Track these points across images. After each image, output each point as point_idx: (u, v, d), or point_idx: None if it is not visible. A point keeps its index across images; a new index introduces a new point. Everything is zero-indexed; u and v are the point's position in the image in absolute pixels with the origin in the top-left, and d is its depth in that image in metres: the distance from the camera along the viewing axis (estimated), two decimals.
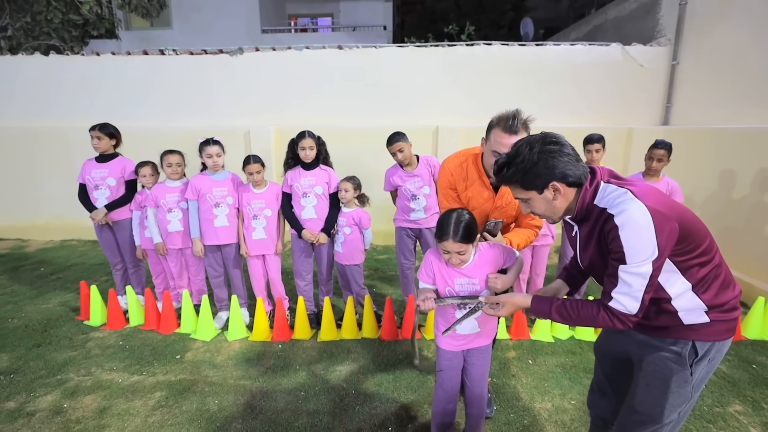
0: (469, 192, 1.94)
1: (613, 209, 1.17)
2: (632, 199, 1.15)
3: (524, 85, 5.32)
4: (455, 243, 1.54)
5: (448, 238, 1.54)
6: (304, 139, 2.89)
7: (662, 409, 1.29)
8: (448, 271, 1.67)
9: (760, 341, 2.95)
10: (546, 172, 1.23)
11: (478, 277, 1.66)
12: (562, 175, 1.23)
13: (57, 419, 2.19)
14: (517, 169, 1.25)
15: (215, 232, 3.04)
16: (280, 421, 2.18)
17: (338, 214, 3.03)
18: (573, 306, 1.30)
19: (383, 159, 3.41)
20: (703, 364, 1.26)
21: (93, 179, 3.19)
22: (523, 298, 1.46)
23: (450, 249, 1.56)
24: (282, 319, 3.01)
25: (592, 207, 1.25)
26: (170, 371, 2.64)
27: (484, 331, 1.75)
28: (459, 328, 1.69)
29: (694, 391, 1.28)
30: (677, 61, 5.13)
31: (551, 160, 1.22)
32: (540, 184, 1.25)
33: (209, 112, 5.55)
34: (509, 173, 1.28)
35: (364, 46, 5.41)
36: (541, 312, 1.39)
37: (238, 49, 5.44)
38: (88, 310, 3.27)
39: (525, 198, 1.31)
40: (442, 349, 1.79)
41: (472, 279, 1.66)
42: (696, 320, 1.25)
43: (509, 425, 2.16)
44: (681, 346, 1.26)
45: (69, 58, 5.60)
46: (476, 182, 1.91)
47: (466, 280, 1.66)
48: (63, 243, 5.54)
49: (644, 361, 1.32)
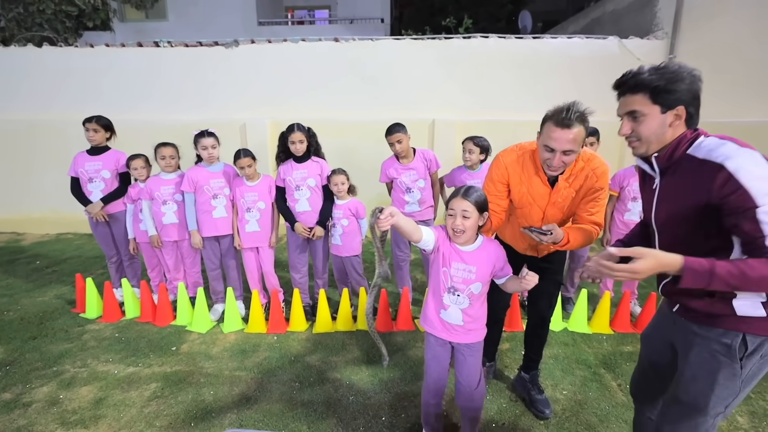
0: (524, 187, 1.87)
1: (718, 159, 1.10)
2: (738, 147, 1.11)
3: (521, 78, 5.31)
4: (464, 200, 1.57)
5: (457, 196, 1.59)
6: (293, 133, 2.89)
7: (707, 401, 1.24)
8: (450, 252, 1.67)
9: None
10: (684, 94, 1.18)
11: (476, 265, 1.65)
12: (693, 105, 1.20)
13: (53, 410, 2.21)
14: (661, 75, 1.18)
15: (214, 223, 3.05)
16: (275, 412, 2.20)
17: (332, 205, 3.03)
18: (744, 265, 1.06)
19: (380, 152, 3.41)
20: (755, 358, 1.18)
21: (86, 172, 3.18)
22: (671, 256, 1.13)
23: (456, 207, 1.59)
24: (277, 312, 3.03)
25: (685, 156, 1.20)
26: (166, 363, 2.66)
27: (472, 327, 1.72)
28: (444, 314, 1.71)
29: (744, 385, 1.21)
30: (674, 54, 5.12)
31: (695, 85, 1.19)
32: (670, 102, 1.19)
33: (204, 104, 5.52)
34: (648, 77, 1.19)
35: (361, 39, 5.38)
36: (699, 272, 1.09)
37: (234, 42, 5.39)
38: (84, 302, 3.28)
39: (641, 112, 1.22)
40: (428, 334, 1.80)
41: (470, 266, 1.65)
42: (751, 312, 1.15)
43: (501, 414, 2.19)
44: (731, 338, 1.18)
45: (62, 50, 5.55)
46: (533, 177, 1.84)
47: (463, 266, 1.65)
48: (59, 236, 5.53)
49: (692, 353, 1.26)
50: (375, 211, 1.44)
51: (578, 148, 1.67)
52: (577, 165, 1.80)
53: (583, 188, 1.83)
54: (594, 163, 1.81)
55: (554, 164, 1.68)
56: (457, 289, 1.67)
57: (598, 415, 2.18)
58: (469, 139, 3.06)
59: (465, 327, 1.71)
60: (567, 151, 1.63)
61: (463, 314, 1.70)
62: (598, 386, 2.41)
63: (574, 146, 1.63)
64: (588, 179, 1.80)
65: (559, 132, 1.60)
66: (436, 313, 1.75)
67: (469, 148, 3.03)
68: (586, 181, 1.80)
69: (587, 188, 1.82)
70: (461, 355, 1.77)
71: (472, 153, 3.03)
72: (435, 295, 1.74)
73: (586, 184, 1.81)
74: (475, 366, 1.77)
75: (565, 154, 1.65)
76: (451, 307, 1.70)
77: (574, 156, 1.69)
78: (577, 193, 1.84)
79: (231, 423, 2.11)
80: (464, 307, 1.69)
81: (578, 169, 1.80)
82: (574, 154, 1.67)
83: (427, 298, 1.81)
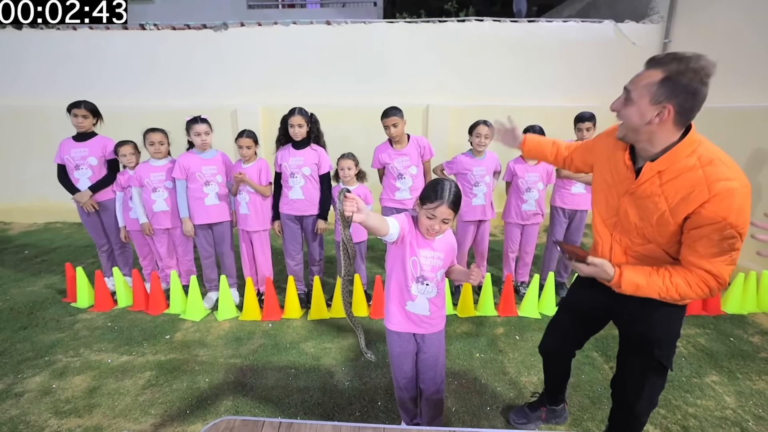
0: (607, 167, 1.43)
1: None
2: None
3: (516, 62, 5.25)
4: (448, 209, 1.50)
5: (443, 203, 1.49)
6: (293, 116, 2.84)
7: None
8: (418, 240, 1.60)
9: (738, 316, 3.05)
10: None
11: (443, 251, 1.62)
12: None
13: (46, 399, 2.19)
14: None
15: (206, 210, 3.00)
16: (271, 398, 2.21)
17: (331, 195, 2.99)
18: None
19: (374, 138, 3.37)
20: None
21: (73, 159, 3.09)
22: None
23: (440, 215, 1.50)
24: (272, 299, 3.02)
25: None
26: (160, 351, 2.64)
27: (436, 315, 1.69)
28: (410, 305, 1.64)
29: None
30: (669, 39, 5.09)
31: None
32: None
33: (194, 90, 5.39)
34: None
35: (353, 22, 5.26)
36: None
37: (223, 25, 5.24)
38: (75, 292, 3.24)
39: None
40: (392, 332, 1.71)
41: (437, 252, 1.61)
42: None
43: (495, 398, 2.22)
44: None
45: (44, 33, 5.34)
46: (620, 156, 1.38)
47: (431, 253, 1.61)
48: (47, 225, 5.43)
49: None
50: (342, 193, 1.32)
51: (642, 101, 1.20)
52: (681, 157, 1.21)
53: (681, 208, 1.21)
54: (716, 174, 1.15)
55: None
56: (426, 278, 1.61)
57: (591, 397, 2.22)
58: (483, 123, 2.99)
59: (431, 317, 1.68)
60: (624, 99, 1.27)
61: (430, 304, 1.66)
62: (591, 369, 2.45)
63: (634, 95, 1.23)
64: (694, 196, 1.17)
65: None
66: (401, 307, 1.67)
67: (485, 133, 2.97)
68: (689, 201, 1.18)
69: (690, 214, 1.20)
70: (426, 346, 1.73)
71: (487, 138, 2.97)
72: (400, 287, 1.65)
73: (688, 205, 1.19)
74: (440, 354, 1.75)
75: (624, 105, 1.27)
76: (418, 298, 1.64)
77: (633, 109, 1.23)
78: (672, 212, 1.23)
79: (227, 410, 2.12)
80: (432, 297, 1.65)
81: (682, 166, 1.21)
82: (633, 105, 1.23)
83: (389, 293, 1.69)
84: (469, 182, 3.08)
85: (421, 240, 1.60)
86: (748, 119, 3.75)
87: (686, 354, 2.59)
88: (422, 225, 1.57)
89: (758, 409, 2.11)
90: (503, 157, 3.20)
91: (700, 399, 2.19)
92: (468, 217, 3.14)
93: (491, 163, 3.11)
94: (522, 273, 3.45)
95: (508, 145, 1.88)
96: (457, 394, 2.24)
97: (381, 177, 3.25)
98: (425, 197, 1.53)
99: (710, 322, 2.95)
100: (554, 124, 3.61)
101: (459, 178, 3.12)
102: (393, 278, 1.66)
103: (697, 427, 2.00)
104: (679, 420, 2.05)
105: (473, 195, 3.09)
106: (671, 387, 2.28)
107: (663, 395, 2.21)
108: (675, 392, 2.24)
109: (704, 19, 4.62)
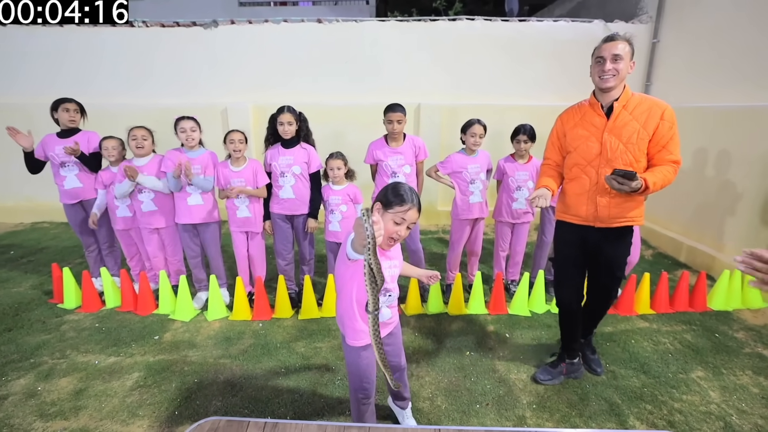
0: (579, 128, 2.03)
1: None
2: None
3: (507, 61, 5.27)
4: (416, 212, 1.45)
5: (413, 206, 1.43)
6: (282, 114, 2.82)
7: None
8: (382, 252, 1.51)
9: (723, 312, 3.10)
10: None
11: (396, 258, 1.59)
12: None
13: (31, 402, 2.16)
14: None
15: (189, 210, 2.97)
16: (261, 398, 2.20)
17: (320, 194, 2.98)
18: None
19: (366, 136, 3.36)
20: None
21: (57, 156, 3.04)
22: None
23: (410, 218, 1.43)
24: (262, 299, 3.00)
25: None
26: (148, 352, 2.62)
27: (395, 314, 1.69)
28: None
29: None
30: (658, 39, 5.15)
31: None
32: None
33: (183, 88, 5.33)
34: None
35: (344, 20, 5.24)
36: None
37: (213, 22, 5.20)
38: (62, 292, 3.19)
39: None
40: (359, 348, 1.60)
41: (394, 261, 1.57)
42: None
43: (485, 395, 2.23)
44: None
45: (30, 29, 5.24)
46: (588, 112, 2.02)
47: (389, 262, 1.54)
48: (34, 225, 5.35)
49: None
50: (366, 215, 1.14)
51: (627, 59, 1.86)
52: (634, 97, 1.94)
53: (650, 124, 1.88)
54: (657, 101, 1.92)
55: (606, 68, 1.87)
56: (389, 290, 1.59)
57: (579, 394, 2.24)
58: (477, 122, 3.01)
59: (393, 317, 1.67)
60: (615, 55, 1.85)
61: (391, 309, 1.64)
62: None
63: (622, 52, 1.85)
64: (652, 114, 1.88)
65: (608, 44, 1.88)
66: (365, 322, 1.55)
67: (480, 133, 2.99)
68: (651, 117, 1.88)
69: (656, 126, 1.88)
70: (390, 341, 1.72)
71: (482, 137, 3.00)
72: (362, 303, 1.52)
73: (652, 120, 1.88)
74: (401, 347, 1.80)
75: (615, 61, 1.86)
76: (383, 309, 1.60)
77: (623, 65, 1.86)
78: (644, 128, 1.89)
79: (216, 410, 2.10)
80: (391, 303, 1.63)
81: (637, 100, 1.92)
82: (622, 61, 1.86)
83: (351, 311, 1.55)
84: (465, 180, 3.08)
85: (380, 251, 1.47)
86: (729, 118, 3.81)
87: (673, 350, 2.63)
88: (385, 232, 1.43)
89: (741, 404, 2.15)
90: (494, 155, 3.21)
91: (685, 394, 2.23)
92: (465, 216, 3.14)
93: (484, 161, 3.12)
94: (512, 272, 3.47)
95: None
96: (447, 392, 2.25)
97: (373, 174, 3.24)
98: (392, 201, 1.42)
99: (696, 319, 3.00)
100: (545, 123, 3.61)
101: (454, 177, 3.13)
102: (353, 296, 1.51)
103: (683, 422, 2.03)
104: (665, 415, 2.08)
105: (470, 193, 3.08)
106: (658, 383, 2.31)
107: (650, 391, 2.25)
108: (661, 388, 2.27)
109: (692, 20, 4.68)
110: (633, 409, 2.12)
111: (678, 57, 4.88)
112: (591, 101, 2.03)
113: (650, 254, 4.36)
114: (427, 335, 2.81)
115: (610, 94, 1.94)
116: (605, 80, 1.89)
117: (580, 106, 2.08)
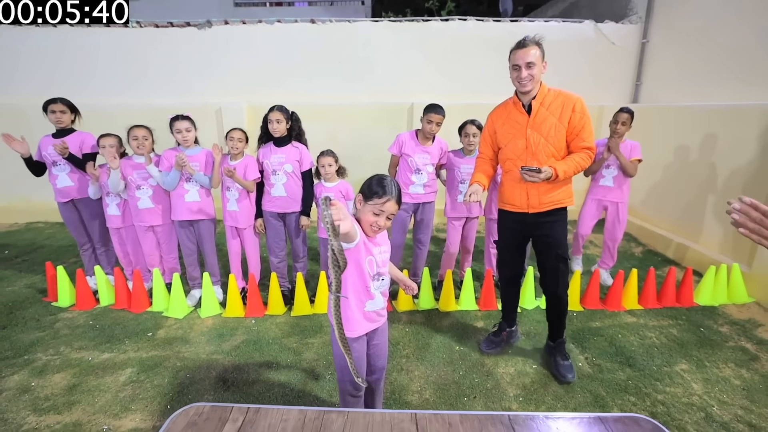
0: (506, 126, 2.22)
1: None
2: None
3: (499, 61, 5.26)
4: (395, 204, 1.50)
5: (391, 198, 1.48)
6: (272, 112, 2.86)
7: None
8: (367, 238, 1.54)
9: (709, 307, 3.15)
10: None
11: (385, 243, 1.62)
12: None
13: (24, 397, 2.18)
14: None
15: (186, 206, 3.00)
16: (252, 393, 2.23)
17: (312, 192, 3.02)
18: None
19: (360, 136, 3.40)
20: None
21: (50, 155, 3.06)
22: None
23: (388, 210, 1.48)
24: (255, 296, 3.04)
25: None
26: (142, 348, 2.65)
27: (385, 306, 1.70)
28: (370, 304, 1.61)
29: None
30: (647, 39, 5.22)
31: None
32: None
33: (178, 88, 5.36)
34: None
35: (338, 20, 5.28)
36: None
37: (207, 22, 5.23)
38: (56, 291, 3.21)
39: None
40: (350, 339, 1.61)
41: (383, 246, 1.60)
42: None
43: (473, 389, 2.27)
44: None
45: (24, 29, 5.26)
46: (512, 111, 2.21)
47: (379, 248, 1.58)
48: (28, 225, 5.36)
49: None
50: (326, 201, 1.23)
51: (539, 62, 2.04)
52: (550, 93, 2.13)
53: (564, 116, 2.08)
54: (569, 95, 2.12)
55: (522, 75, 2.03)
56: (381, 274, 1.60)
57: (564, 387, 2.28)
58: (471, 123, 3.04)
59: (384, 308, 1.69)
60: (528, 63, 2.01)
61: (383, 296, 1.65)
62: None
63: (533, 58, 2.01)
64: (565, 107, 2.08)
65: (520, 52, 2.03)
66: (360, 310, 1.61)
67: (473, 132, 3.02)
68: (565, 111, 2.08)
69: (569, 118, 2.08)
70: (377, 336, 1.72)
71: (476, 137, 3.02)
72: (357, 290, 1.57)
73: (566, 113, 2.08)
74: (386, 348, 1.79)
75: (529, 67, 2.02)
76: (376, 295, 1.61)
77: (536, 69, 2.04)
78: (560, 121, 2.09)
79: None
80: (384, 289, 1.65)
81: (552, 96, 2.13)
82: (535, 66, 2.03)
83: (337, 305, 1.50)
84: (456, 179, 3.13)
85: (369, 238, 1.55)
86: (717, 117, 3.86)
87: (658, 344, 2.68)
88: (365, 222, 1.51)
89: (723, 395, 2.20)
90: None
91: (669, 386, 2.28)
92: (453, 214, 3.19)
93: None
94: None
95: None
96: (435, 385, 2.29)
97: (391, 165, 3.22)
98: (372, 193, 1.49)
99: (683, 314, 3.05)
100: None
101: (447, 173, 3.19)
102: (349, 282, 1.55)
103: (665, 413, 2.08)
104: (648, 407, 2.12)
105: (459, 192, 3.11)
106: (642, 376, 2.36)
107: (634, 383, 2.30)
108: (645, 380, 2.32)
109: (681, 20, 4.75)
110: (617, 401, 2.17)
111: (667, 56, 4.95)
112: (514, 100, 2.21)
113: (640, 251, 4.42)
114: (418, 330, 2.85)
115: (529, 94, 2.12)
116: (523, 85, 2.07)
117: (506, 105, 2.27)
